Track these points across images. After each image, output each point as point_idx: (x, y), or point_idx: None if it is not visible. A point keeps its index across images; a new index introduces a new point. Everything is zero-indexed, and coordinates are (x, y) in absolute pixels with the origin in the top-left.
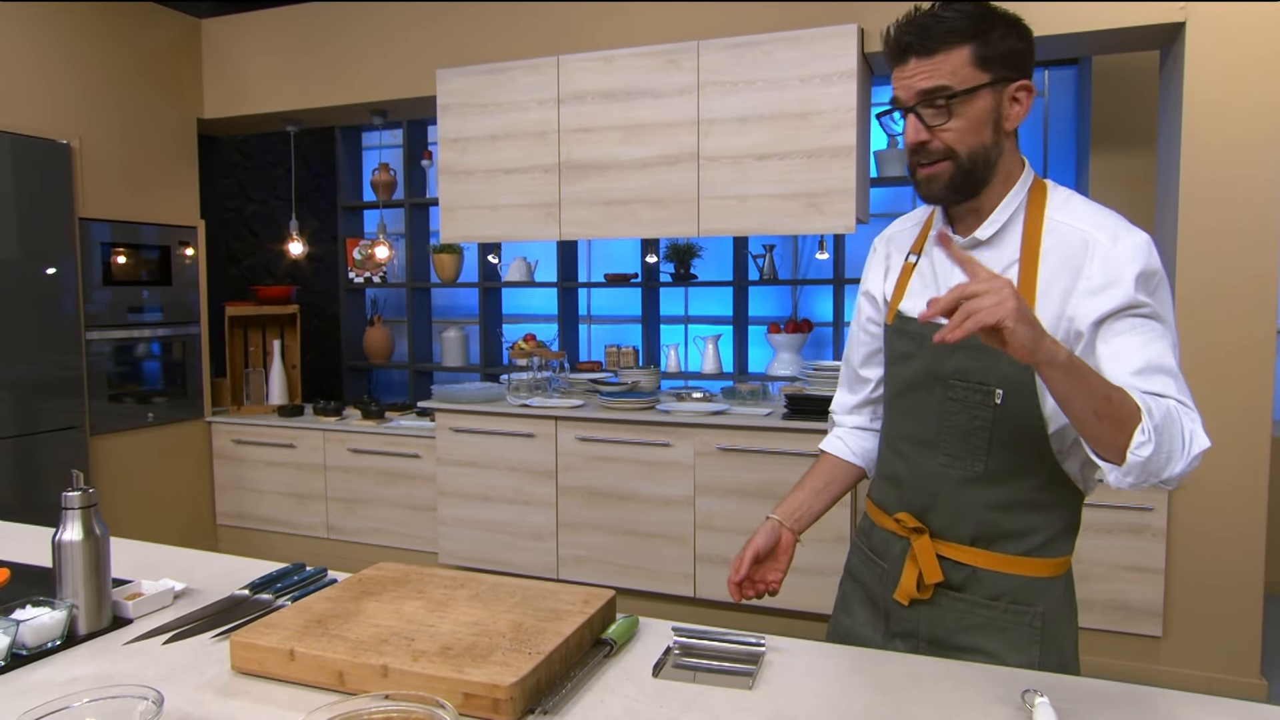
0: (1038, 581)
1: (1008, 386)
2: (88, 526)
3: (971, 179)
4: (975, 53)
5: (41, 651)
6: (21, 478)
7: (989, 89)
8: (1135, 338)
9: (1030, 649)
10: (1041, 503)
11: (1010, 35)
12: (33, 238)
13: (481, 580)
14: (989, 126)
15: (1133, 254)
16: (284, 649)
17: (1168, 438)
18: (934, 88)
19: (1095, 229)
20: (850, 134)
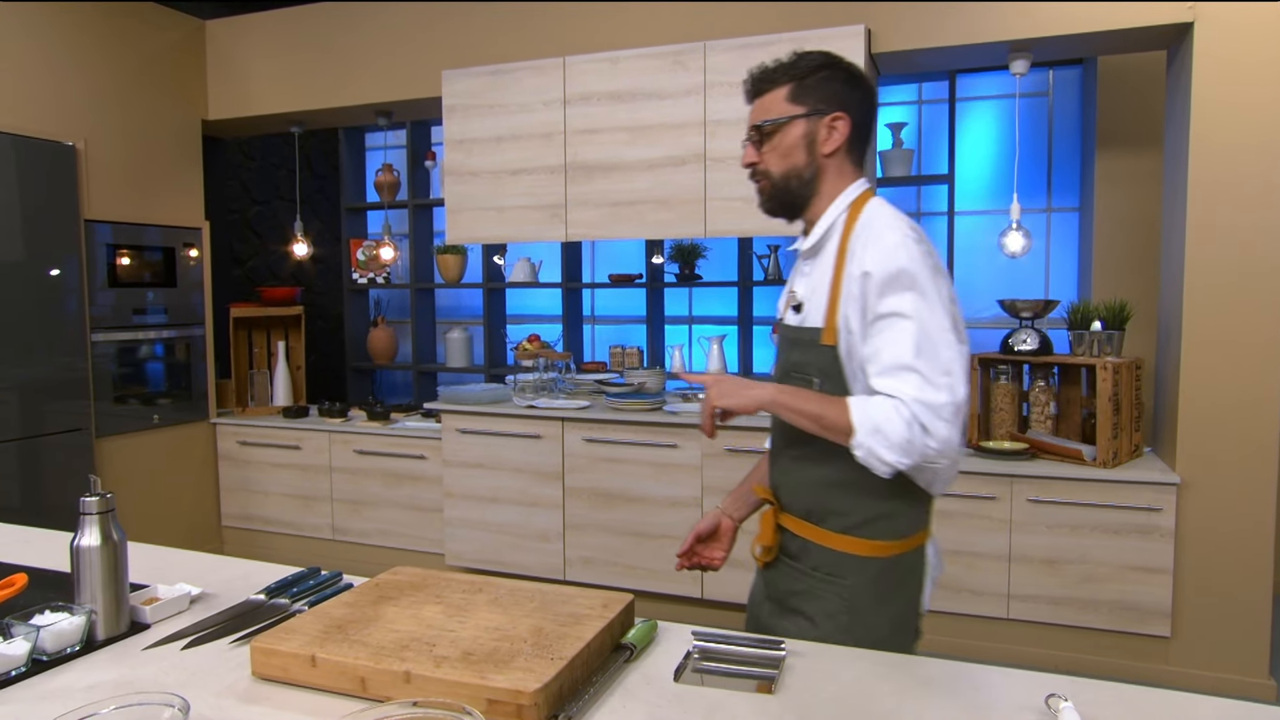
0: (850, 558)
1: (824, 376)
2: (105, 531)
3: (788, 195)
4: (790, 91)
5: (61, 657)
6: (28, 480)
7: (802, 119)
8: (880, 340)
9: (839, 617)
10: (860, 485)
11: (833, 79)
12: (38, 239)
13: (499, 585)
14: (802, 150)
15: (879, 259)
16: (305, 655)
17: (882, 439)
18: (758, 123)
19: (867, 234)
20: None
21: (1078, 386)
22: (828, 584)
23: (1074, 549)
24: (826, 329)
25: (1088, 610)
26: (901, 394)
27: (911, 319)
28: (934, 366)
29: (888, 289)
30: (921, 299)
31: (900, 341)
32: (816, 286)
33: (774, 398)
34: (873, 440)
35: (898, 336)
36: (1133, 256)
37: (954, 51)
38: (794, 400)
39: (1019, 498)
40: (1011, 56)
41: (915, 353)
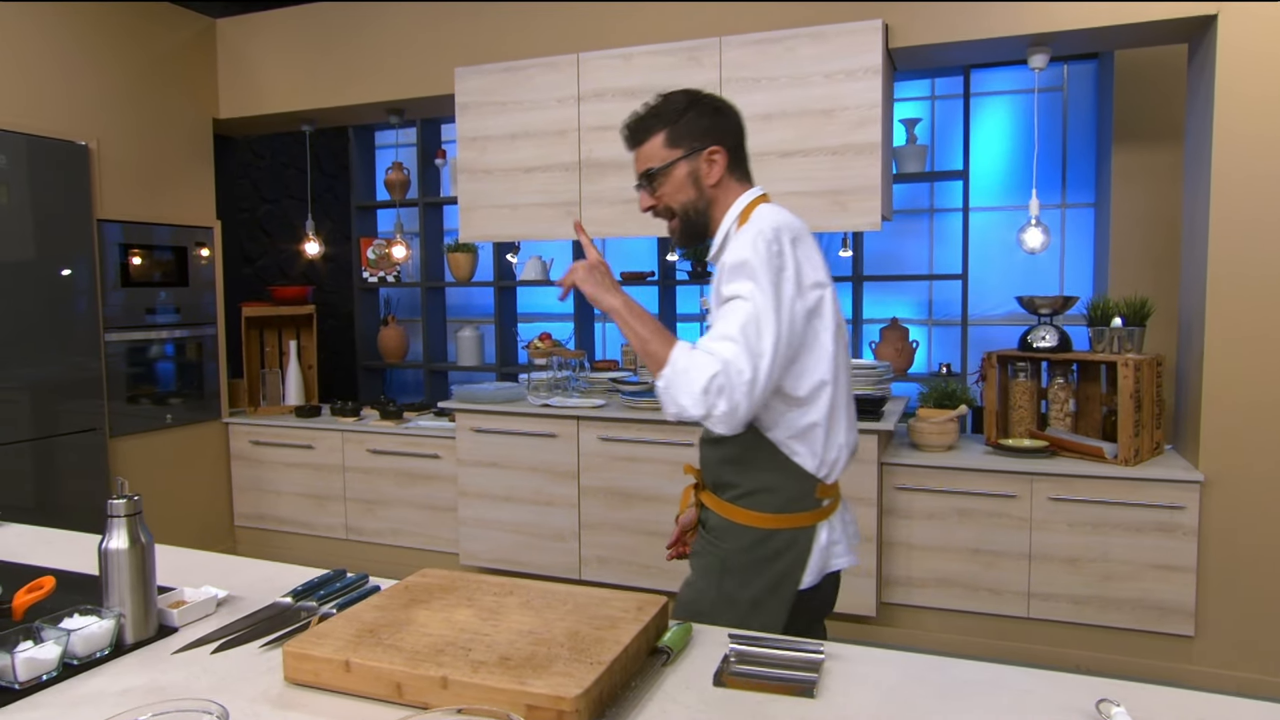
0: (731, 524)
1: None
2: (134, 534)
3: (694, 225)
4: (666, 137)
5: (91, 661)
6: (42, 480)
7: (684, 160)
8: (719, 316)
9: (712, 575)
10: (747, 461)
11: (701, 115)
12: (51, 240)
13: (530, 587)
14: (691, 187)
15: (731, 252)
16: (339, 660)
17: (684, 381)
18: (644, 171)
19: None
20: (876, 130)
21: (1097, 383)
22: (711, 545)
23: (1095, 547)
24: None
25: (1110, 609)
26: (718, 354)
27: (747, 301)
28: (752, 345)
29: (733, 276)
30: (758, 289)
31: (733, 318)
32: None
33: (619, 307)
34: (678, 379)
35: (732, 314)
36: (1150, 252)
37: (972, 46)
38: (633, 317)
39: (1039, 496)
40: (1030, 51)
41: (741, 329)
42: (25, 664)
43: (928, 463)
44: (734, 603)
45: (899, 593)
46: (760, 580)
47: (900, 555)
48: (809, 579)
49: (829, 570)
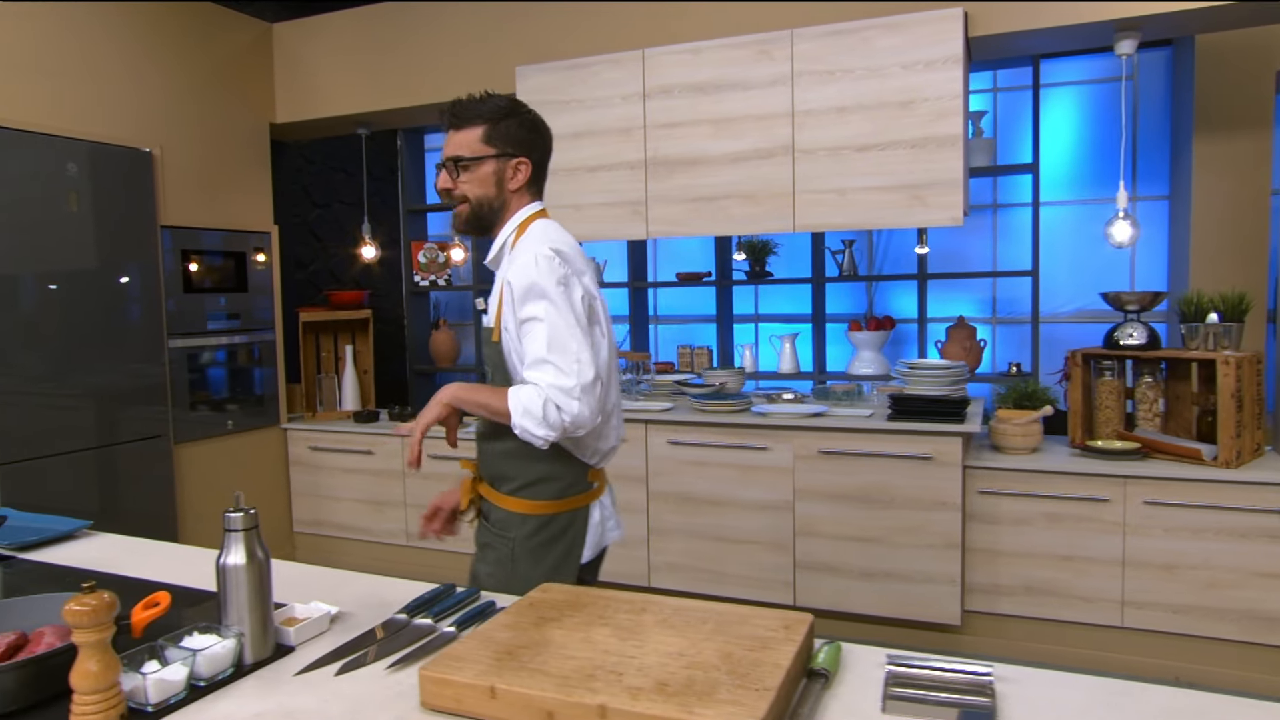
0: (514, 515)
1: (494, 367)
2: (250, 549)
3: (481, 220)
4: (484, 133)
5: (215, 683)
6: (109, 487)
7: (493, 160)
8: (526, 340)
9: (505, 564)
10: (523, 453)
11: (520, 126)
12: (118, 246)
13: (662, 603)
14: (493, 184)
15: (517, 274)
16: (483, 685)
17: (531, 419)
18: (454, 156)
19: (511, 255)
20: (957, 122)
21: (1187, 382)
22: (499, 537)
23: (1195, 554)
24: (495, 328)
25: (1212, 619)
26: (540, 382)
27: (544, 321)
28: (564, 358)
29: (525, 299)
30: (551, 305)
31: (537, 340)
32: (495, 293)
33: (454, 395)
34: (525, 420)
35: (536, 336)
36: (1235, 245)
37: (1054, 33)
38: (470, 395)
39: (1133, 499)
40: (1117, 37)
41: (548, 348)
42: (156, 685)
43: (1012, 465)
44: (529, 582)
45: (983, 600)
46: (548, 559)
47: (984, 562)
48: (588, 554)
49: (604, 544)
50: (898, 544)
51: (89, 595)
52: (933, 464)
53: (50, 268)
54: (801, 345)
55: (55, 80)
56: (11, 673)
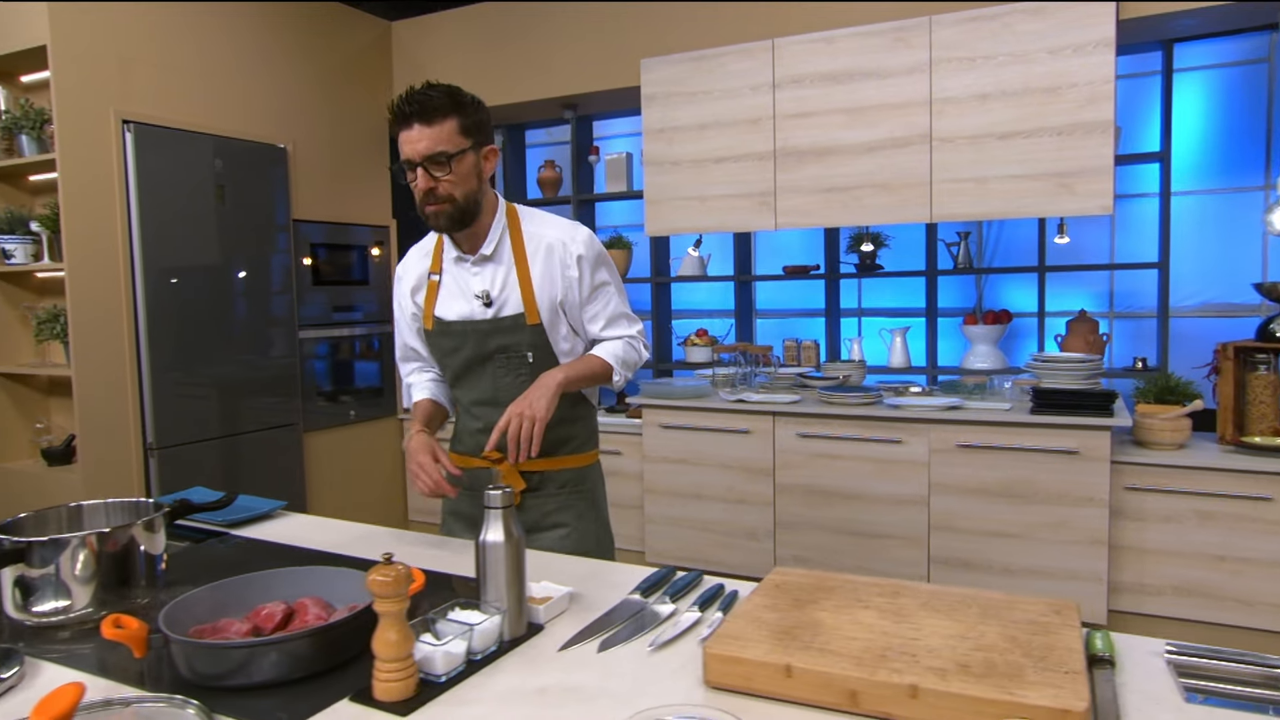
0: (584, 469)
1: (534, 349)
2: (508, 528)
3: (465, 215)
4: (459, 124)
5: (487, 658)
6: (246, 474)
7: (471, 151)
8: (597, 304)
9: (588, 515)
10: (573, 417)
11: (478, 110)
12: (256, 239)
13: (915, 588)
14: (474, 177)
15: (583, 248)
16: (779, 664)
17: (626, 367)
18: (435, 153)
19: (554, 234)
20: (1108, 108)
21: None
22: (575, 494)
23: None
24: (529, 312)
25: None
26: (623, 333)
27: (611, 284)
28: (630, 311)
29: (596, 267)
30: (610, 270)
31: (612, 300)
32: (504, 282)
33: (565, 379)
34: (623, 369)
35: (609, 298)
36: None
37: (1209, 13)
38: (572, 374)
39: None
40: None
41: (622, 304)
42: (444, 657)
43: (1161, 461)
44: (606, 520)
45: (1129, 600)
46: (606, 501)
47: (1131, 560)
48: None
49: None
50: (1040, 540)
51: (388, 567)
52: (1078, 459)
53: (198, 261)
54: (915, 339)
55: (205, 80)
56: (306, 640)
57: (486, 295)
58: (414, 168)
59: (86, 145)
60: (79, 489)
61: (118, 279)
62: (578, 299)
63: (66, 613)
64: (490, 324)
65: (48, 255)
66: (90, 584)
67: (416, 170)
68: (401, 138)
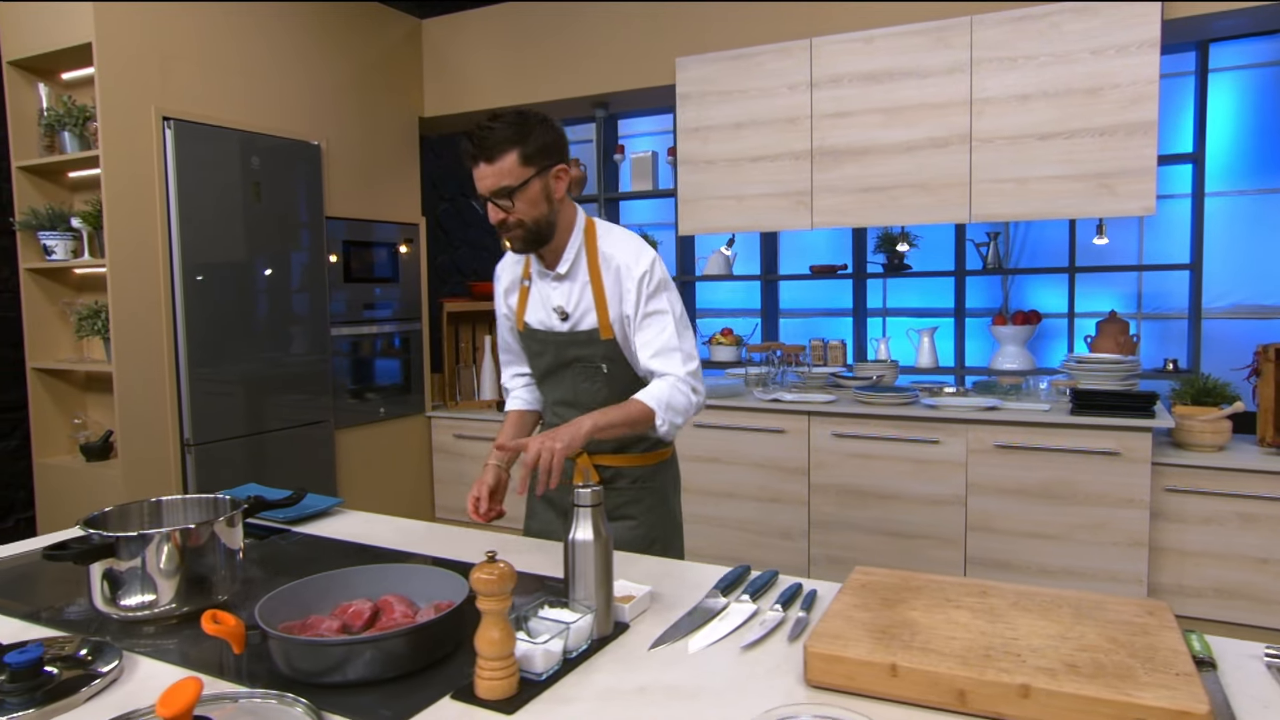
0: (655, 466)
1: (609, 361)
2: (597, 526)
3: (540, 236)
4: (521, 154)
5: (580, 656)
6: (278, 469)
7: (536, 178)
8: (649, 331)
9: (658, 509)
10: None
11: (545, 133)
12: (291, 236)
13: (999, 587)
14: (544, 201)
15: (642, 273)
16: (884, 663)
17: (672, 412)
18: (499, 188)
19: (622, 256)
20: (1153, 108)
21: None
22: (644, 489)
23: None
24: (603, 328)
25: None
26: (673, 371)
27: (668, 313)
28: (687, 345)
29: (655, 293)
30: (672, 298)
31: (665, 331)
32: (579, 299)
33: (593, 427)
34: (669, 415)
35: (663, 327)
36: None
37: (1256, 13)
38: (605, 420)
39: None
40: None
41: (678, 338)
42: (544, 656)
43: (1203, 463)
44: (677, 512)
45: (1170, 601)
46: (678, 497)
47: (1171, 562)
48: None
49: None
50: (1080, 541)
51: (492, 565)
52: (1119, 460)
53: (233, 258)
54: (943, 340)
55: (241, 77)
56: (404, 638)
57: (562, 310)
58: (485, 201)
59: (128, 142)
60: (119, 485)
61: (157, 276)
62: (632, 321)
63: (152, 607)
64: (567, 336)
65: (88, 251)
66: (174, 578)
67: (487, 204)
68: (474, 173)
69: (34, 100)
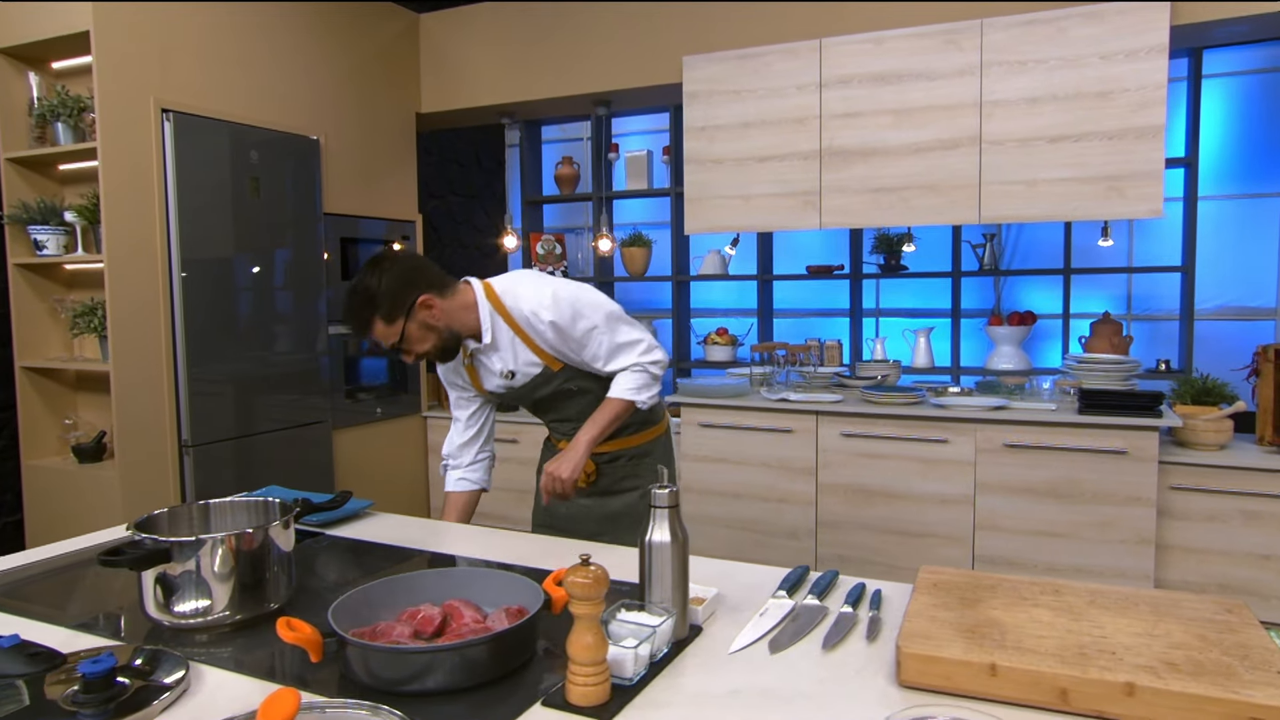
0: (651, 441)
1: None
2: (674, 528)
3: (448, 347)
4: (381, 316)
5: (663, 660)
6: (277, 470)
7: (408, 323)
8: (591, 347)
9: (651, 476)
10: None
11: (390, 284)
12: (289, 232)
13: (1070, 586)
14: (427, 331)
15: (548, 317)
16: (982, 663)
17: (645, 391)
18: (390, 346)
19: (527, 306)
20: (1160, 113)
21: None
22: (646, 461)
23: None
24: (549, 364)
25: None
26: (628, 362)
27: (596, 325)
28: (631, 333)
29: (572, 319)
30: (592, 310)
31: (601, 340)
32: (515, 355)
33: (590, 440)
34: (641, 395)
35: (598, 340)
36: None
37: (1257, 21)
38: (596, 430)
39: None
40: None
41: (615, 338)
42: (634, 660)
43: (1207, 461)
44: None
45: None
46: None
47: (1177, 559)
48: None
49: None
50: (1087, 539)
51: (586, 569)
52: (1126, 459)
53: (232, 254)
54: (939, 340)
55: (240, 68)
56: (486, 645)
57: (509, 373)
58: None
59: (127, 133)
60: (116, 487)
61: (155, 272)
62: (571, 353)
63: (207, 614)
64: (525, 387)
65: (81, 246)
66: (229, 583)
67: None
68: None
69: (24, 90)
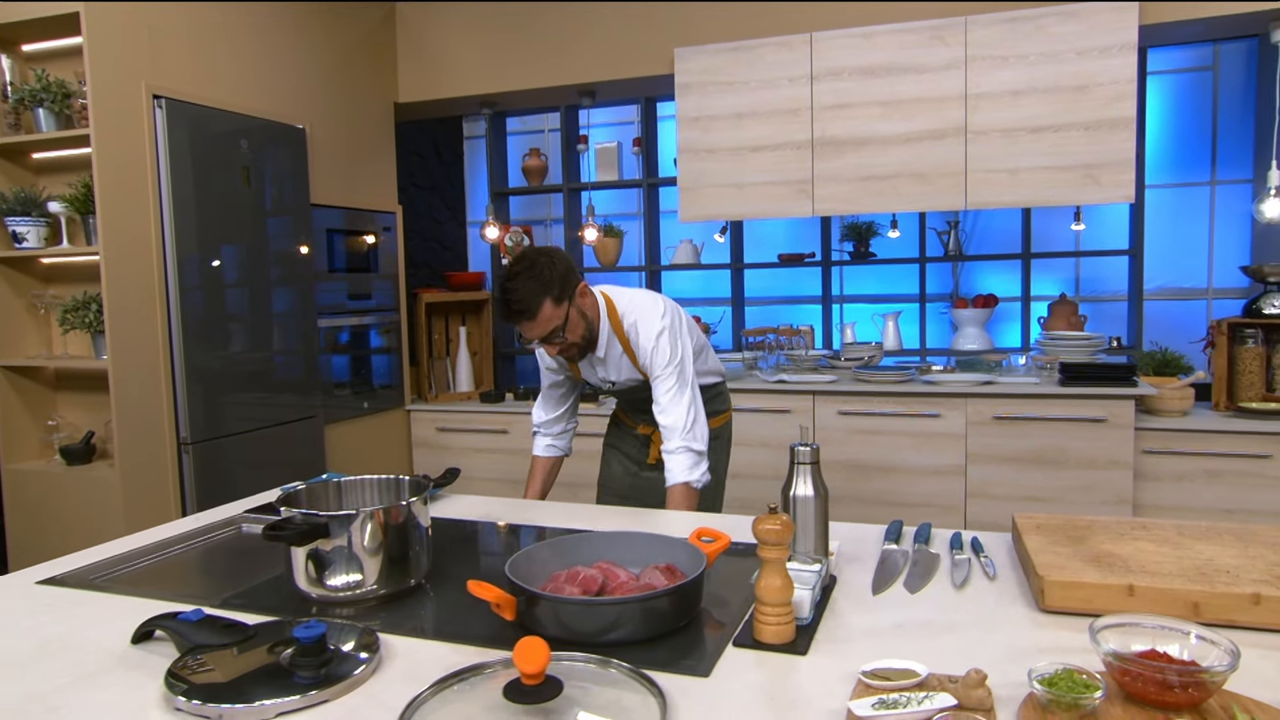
0: (722, 426)
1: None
2: (816, 483)
3: (591, 342)
4: (552, 298)
5: (819, 603)
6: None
7: (571, 308)
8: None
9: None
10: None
11: (556, 266)
12: (279, 224)
13: (1155, 523)
14: (583, 320)
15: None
16: (1120, 585)
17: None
18: (548, 334)
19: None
20: (1131, 105)
21: None
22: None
23: None
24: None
25: None
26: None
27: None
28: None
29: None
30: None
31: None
32: (618, 368)
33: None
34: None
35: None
36: None
37: (1216, 22)
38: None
39: None
40: (1272, 26)
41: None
42: (810, 601)
43: (1175, 426)
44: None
45: None
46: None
47: (1151, 516)
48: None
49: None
50: (1072, 503)
51: (774, 517)
52: (1105, 426)
53: (225, 246)
54: (907, 324)
55: (228, 53)
56: (667, 598)
57: (609, 382)
58: (538, 343)
59: (119, 120)
60: (115, 487)
61: (151, 265)
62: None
63: (357, 588)
64: (622, 389)
65: (66, 239)
66: (377, 557)
67: (540, 345)
68: (518, 328)
69: None
